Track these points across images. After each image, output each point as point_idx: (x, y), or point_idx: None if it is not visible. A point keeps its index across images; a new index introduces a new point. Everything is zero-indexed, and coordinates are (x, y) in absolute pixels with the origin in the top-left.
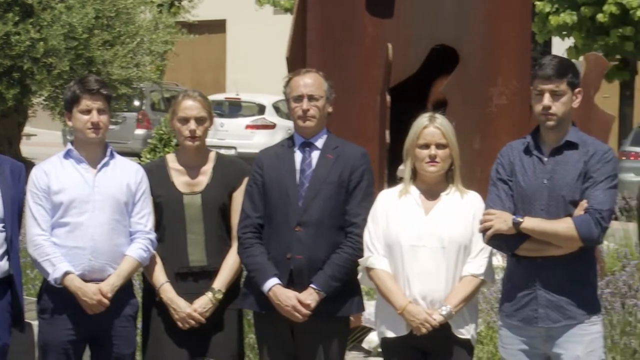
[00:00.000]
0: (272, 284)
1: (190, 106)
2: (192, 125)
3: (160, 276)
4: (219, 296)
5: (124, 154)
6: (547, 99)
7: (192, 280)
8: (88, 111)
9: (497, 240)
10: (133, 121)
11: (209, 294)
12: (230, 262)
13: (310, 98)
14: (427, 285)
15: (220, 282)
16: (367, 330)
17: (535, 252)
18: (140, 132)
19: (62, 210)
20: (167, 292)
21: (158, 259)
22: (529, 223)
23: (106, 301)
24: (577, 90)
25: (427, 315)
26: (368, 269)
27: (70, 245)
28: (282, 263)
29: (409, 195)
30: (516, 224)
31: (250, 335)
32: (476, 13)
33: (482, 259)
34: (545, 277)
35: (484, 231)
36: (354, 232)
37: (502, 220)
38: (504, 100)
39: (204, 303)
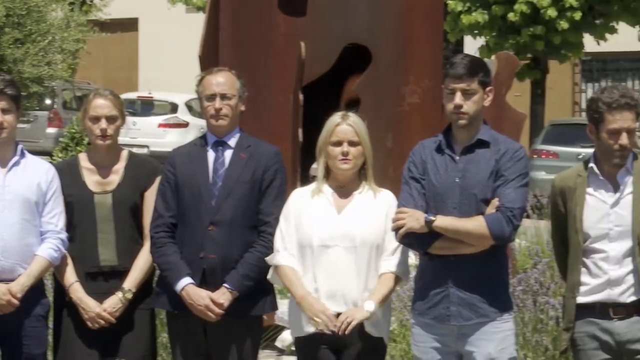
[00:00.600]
0: (184, 284)
1: (101, 105)
2: (103, 124)
3: (70, 276)
4: (129, 296)
5: (35, 152)
6: (458, 98)
7: (102, 279)
8: None
9: (409, 239)
10: (44, 120)
11: (119, 294)
12: (141, 262)
13: (223, 97)
14: (338, 284)
15: (131, 281)
16: (281, 329)
17: (447, 250)
18: (51, 130)
19: None
20: (77, 291)
21: (69, 259)
22: (441, 221)
23: (15, 301)
24: (488, 89)
25: (324, 307)
26: (275, 267)
27: None
28: (195, 262)
29: (322, 194)
30: (428, 223)
31: (164, 334)
32: (388, 12)
33: (398, 256)
34: (458, 275)
35: (396, 229)
36: (266, 231)
37: (414, 219)
38: (416, 99)
39: (113, 303)
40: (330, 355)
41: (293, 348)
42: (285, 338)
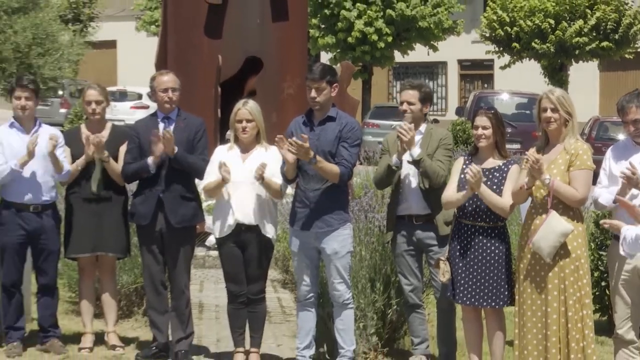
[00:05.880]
0: (150, 161)
1: (92, 93)
2: (94, 105)
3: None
4: (104, 156)
5: (51, 124)
6: (313, 92)
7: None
8: (18, 97)
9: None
10: (58, 103)
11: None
12: (116, 166)
13: (173, 90)
14: (245, 209)
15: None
16: (208, 234)
17: (322, 172)
18: (62, 110)
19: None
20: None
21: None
22: (320, 164)
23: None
24: (334, 85)
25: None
26: (205, 188)
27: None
28: (150, 196)
29: (234, 150)
30: (313, 161)
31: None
32: (272, 37)
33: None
34: (314, 199)
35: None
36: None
37: (304, 153)
38: (291, 91)
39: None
40: (237, 249)
41: (216, 246)
42: (212, 240)
